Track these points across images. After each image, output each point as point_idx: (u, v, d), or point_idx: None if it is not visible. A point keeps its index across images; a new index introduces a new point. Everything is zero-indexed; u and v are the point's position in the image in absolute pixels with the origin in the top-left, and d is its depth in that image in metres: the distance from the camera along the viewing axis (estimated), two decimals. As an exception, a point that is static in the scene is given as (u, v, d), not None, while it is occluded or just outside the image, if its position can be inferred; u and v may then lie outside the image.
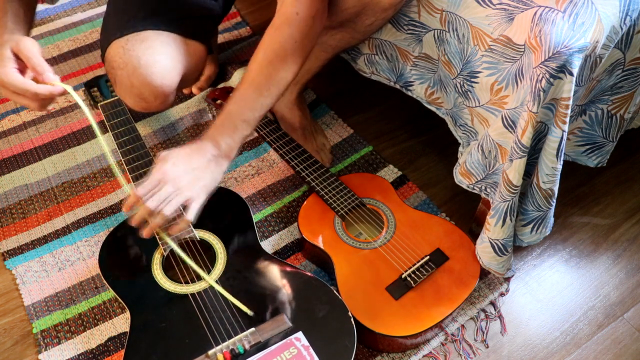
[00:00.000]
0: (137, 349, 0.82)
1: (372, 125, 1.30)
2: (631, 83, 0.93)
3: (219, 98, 1.27)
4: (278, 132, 1.15)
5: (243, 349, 0.81)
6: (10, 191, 1.19)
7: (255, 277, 0.90)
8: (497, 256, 0.93)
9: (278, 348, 0.80)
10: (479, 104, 0.95)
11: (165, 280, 0.90)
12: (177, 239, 0.93)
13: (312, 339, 0.81)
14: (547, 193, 0.88)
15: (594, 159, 1.04)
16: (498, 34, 0.85)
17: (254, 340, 0.82)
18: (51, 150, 1.27)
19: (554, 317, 0.99)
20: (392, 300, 0.90)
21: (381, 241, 0.97)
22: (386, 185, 1.08)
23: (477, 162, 0.96)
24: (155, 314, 0.86)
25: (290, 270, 0.92)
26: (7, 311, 1.01)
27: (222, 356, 0.80)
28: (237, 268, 0.91)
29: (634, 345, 0.96)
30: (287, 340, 0.81)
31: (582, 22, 0.76)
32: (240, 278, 0.90)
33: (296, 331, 0.82)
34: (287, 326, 0.83)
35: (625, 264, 1.06)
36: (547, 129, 0.82)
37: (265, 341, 0.82)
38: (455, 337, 0.96)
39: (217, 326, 0.83)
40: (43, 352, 0.95)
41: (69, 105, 1.37)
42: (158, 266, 0.92)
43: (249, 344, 0.81)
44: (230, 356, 0.80)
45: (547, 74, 0.76)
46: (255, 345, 0.81)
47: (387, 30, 1.06)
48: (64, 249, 1.09)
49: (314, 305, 0.86)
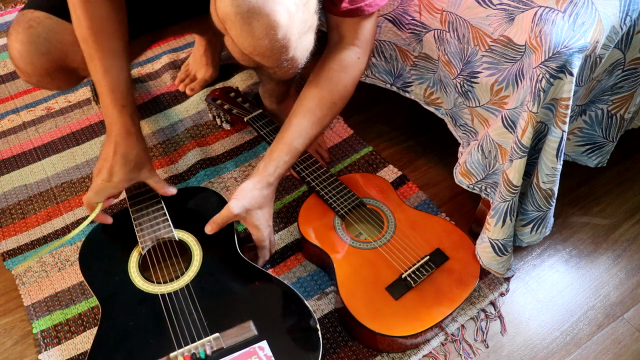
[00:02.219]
0: (102, 346, 0.82)
1: (372, 125, 1.30)
2: (631, 83, 0.93)
3: (218, 98, 1.27)
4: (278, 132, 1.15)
5: (204, 354, 0.80)
6: (10, 191, 1.19)
7: (228, 282, 0.89)
8: (497, 256, 0.93)
9: (240, 356, 0.79)
10: (479, 104, 0.95)
11: (140, 280, 0.89)
12: (156, 238, 0.93)
13: (276, 350, 0.80)
14: (547, 193, 0.88)
15: (594, 159, 1.04)
16: (498, 34, 0.85)
17: (216, 346, 0.80)
18: (50, 150, 1.27)
19: (554, 317, 0.99)
20: (392, 300, 0.90)
21: (381, 241, 0.97)
22: (386, 185, 1.08)
23: (477, 162, 0.96)
24: (125, 313, 0.85)
25: (264, 277, 0.90)
26: (7, 311, 1.01)
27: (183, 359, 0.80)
28: (211, 271, 0.90)
29: (634, 345, 0.96)
30: (250, 348, 0.80)
31: (582, 22, 0.76)
32: (212, 281, 0.89)
33: (261, 340, 0.81)
34: (252, 334, 0.82)
35: (625, 264, 1.06)
36: (547, 129, 0.82)
37: (228, 347, 0.81)
38: (455, 337, 0.96)
39: (182, 329, 0.82)
40: (43, 352, 0.95)
41: (68, 105, 1.37)
42: (135, 265, 0.91)
43: (211, 349, 0.80)
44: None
45: (547, 74, 0.76)
46: (217, 352, 0.80)
47: (387, 31, 1.06)
48: (64, 249, 1.08)
49: (283, 315, 0.85)
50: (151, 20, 1.14)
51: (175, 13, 1.18)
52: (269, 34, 0.77)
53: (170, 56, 1.48)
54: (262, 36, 0.78)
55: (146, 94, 1.39)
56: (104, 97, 0.92)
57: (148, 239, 0.93)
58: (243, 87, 1.38)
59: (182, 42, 1.54)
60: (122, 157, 0.93)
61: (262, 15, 0.75)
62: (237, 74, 1.42)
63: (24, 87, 1.43)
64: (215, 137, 1.27)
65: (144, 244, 0.92)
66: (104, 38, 0.90)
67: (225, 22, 0.78)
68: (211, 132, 1.28)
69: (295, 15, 0.79)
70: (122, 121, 0.93)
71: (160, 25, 1.20)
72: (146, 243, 0.92)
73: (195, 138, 1.27)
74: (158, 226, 0.95)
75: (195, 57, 1.39)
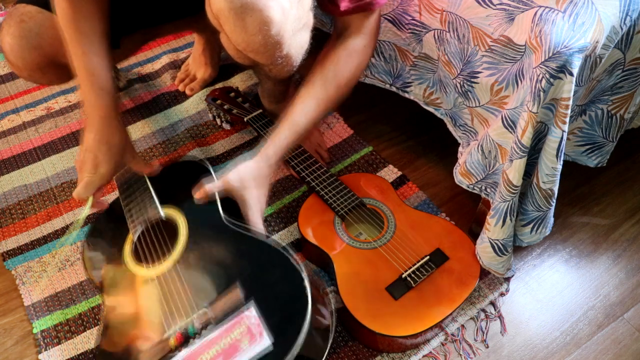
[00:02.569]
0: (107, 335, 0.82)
1: (372, 125, 1.30)
2: (631, 83, 0.93)
3: (218, 98, 1.26)
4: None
5: (193, 330, 0.78)
6: (10, 192, 1.19)
7: (212, 252, 0.86)
8: (497, 256, 0.93)
9: (228, 327, 0.77)
10: (479, 104, 0.95)
11: (134, 266, 0.88)
12: (145, 221, 0.91)
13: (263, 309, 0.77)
14: (547, 193, 0.88)
15: (594, 159, 1.04)
16: (498, 34, 0.85)
17: (205, 319, 0.79)
18: (50, 150, 1.27)
19: (554, 317, 0.99)
20: (392, 300, 0.90)
21: (381, 241, 0.97)
22: (386, 185, 1.08)
23: (477, 162, 0.96)
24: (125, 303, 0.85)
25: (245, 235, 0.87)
26: (7, 311, 1.01)
27: (175, 339, 0.78)
28: (196, 244, 0.88)
29: (634, 345, 0.96)
30: (237, 317, 0.77)
31: (582, 22, 0.76)
32: (198, 254, 0.87)
33: (248, 303, 0.78)
34: (238, 299, 0.79)
35: (625, 264, 1.06)
36: (547, 129, 0.82)
37: (217, 318, 0.78)
38: (455, 337, 0.96)
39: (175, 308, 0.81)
40: (43, 352, 0.95)
41: (68, 105, 1.37)
42: (129, 252, 0.90)
43: (200, 323, 0.79)
44: (182, 339, 0.78)
45: (547, 74, 0.76)
46: (206, 324, 0.79)
47: (387, 31, 1.06)
48: (64, 249, 1.08)
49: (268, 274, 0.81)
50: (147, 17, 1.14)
51: (173, 10, 1.18)
52: (262, 29, 0.78)
53: (170, 56, 1.48)
54: (256, 32, 0.78)
55: (146, 94, 1.39)
56: (83, 81, 0.90)
57: (138, 223, 0.92)
58: (243, 87, 1.38)
59: (182, 42, 1.54)
60: (105, 145, 0.90)
61: (256, 11, 0.76)
62: (237, 74, 1.42)
63: (24, 87, 1.43)
64: (215, 137, 1.28)
65: (135, 228, 0.91)
66: (81, 21, 0.89)
67: (219, 17, 0.79)
68: (211, 132, 1.28)
69: (289, 11, 0.80)
70: (101, 105, 0.90)
71: (157, 22, 1.20)
72: (136, 228, 0.91)
73: (195, 138, 1.27)
74: (146, 209, 0.93)
75: (194, 57, 1.39)
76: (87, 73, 0.89)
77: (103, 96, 0.90)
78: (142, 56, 1.50)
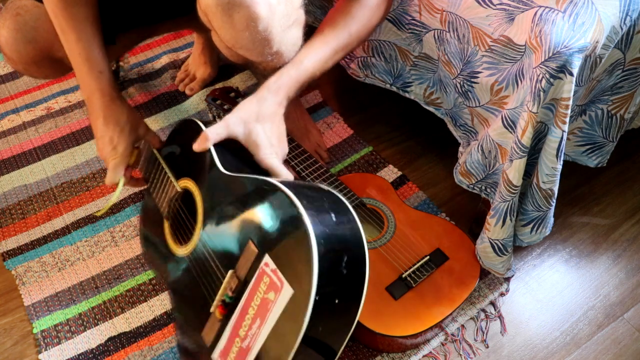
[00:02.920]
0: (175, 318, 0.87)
1: (372, 125, 1.30)
2: (631, 83, 0.93)
3: (218, 98, 1.26)
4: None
5: (229, 297, 0.78)
6: (10, 192, 1.19)
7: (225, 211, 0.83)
8: (497, 256, 0.93)
9: (255, 284, 0.76)
10: (479, 104, 0.95)
11: (173, 244, 0.89)
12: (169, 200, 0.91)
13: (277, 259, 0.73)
14: (547, 193, 0.88)
15: (594, 159, 1.04)
16: (498, 34, 0.85)
17: (234, 283, 0.78)
18: (50, 150, 1.27)
19: (554, 317, 0.99)
20: (392, 300, 0.90)
21: (381, 241, 0.97)
22: (386, 185, 1.08)
23: (477, 162, 0.96)
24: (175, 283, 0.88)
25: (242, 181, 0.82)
26: (7, 311, 1.01)
27: (218, 311, 0.78)
28: (211, 208, 0.85)
29: (634, 345, 0.96)
30: (259, 270, 0.75)
31: (582, 22, 0.76)
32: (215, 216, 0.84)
33: (263, 254, 0.75)
34: (255, 254, 0.76)
35: (625, 264, 1.06)
36: (547, 129, 0.82)
37: (244, 279, 0.77)
38: (455, 337, 0.96)
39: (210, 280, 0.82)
40: (43, 352, 0.95)
41: (68, 105, 1.37)
42: (168, 233, 0.91)
43: (231, 289, 0.78)
44: (224, 309, 0.78)
45: (547, 74, 0.76)
46: (237, 288, 0.77)
47: (387, 30, 1.06)
48: (64, 249, 1.08)
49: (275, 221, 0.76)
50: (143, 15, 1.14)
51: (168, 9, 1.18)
52: (250, 25, 0.78)
53: (170, 56, 1.48)
54: (243, 28, 0.78)
55: (146, 94, 1.39)
56: (79, 67, 0.90)
57: (165, 204, 0.91)
58: (243, 87, 1.38)
59: (182, 42, 1.54)
60: (116, 125, 0.90)
61: (242, 7, 0.76)
62: (237, 74, 1.42)
63: (24, 87, 1.43)
64: (215, 137, 1.27)
65: (164, 210, 0.91)
66: (73, 8, 0.88)
67: (207, 14, 0.79)
68: (211, 132, 1.28)
69: (277, 7, 0.79)
70: (101, 87, 0.90)
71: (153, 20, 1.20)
72: (164, 209, 0.91)
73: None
74: (166, 188, 0.92)
75: (194, 56, 1.39)
76: (83, 58, 0.89)
77: (102, 79, 0.90)
78: (142, 56, 1.49)
